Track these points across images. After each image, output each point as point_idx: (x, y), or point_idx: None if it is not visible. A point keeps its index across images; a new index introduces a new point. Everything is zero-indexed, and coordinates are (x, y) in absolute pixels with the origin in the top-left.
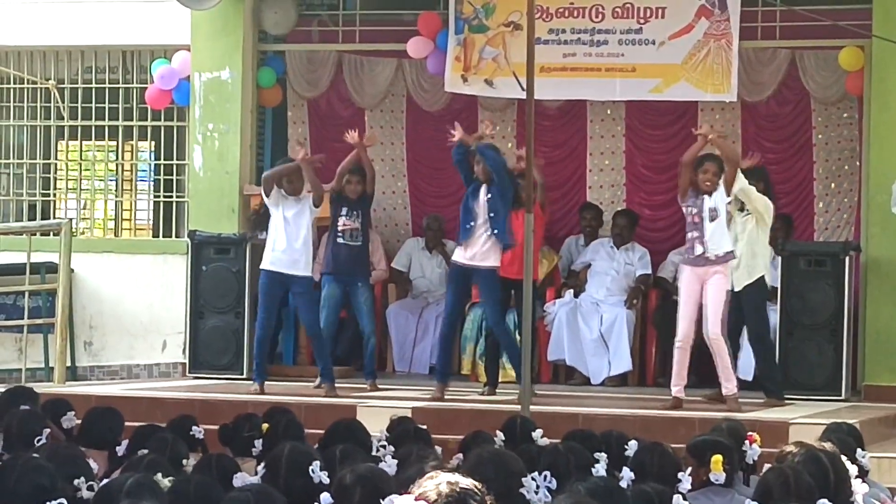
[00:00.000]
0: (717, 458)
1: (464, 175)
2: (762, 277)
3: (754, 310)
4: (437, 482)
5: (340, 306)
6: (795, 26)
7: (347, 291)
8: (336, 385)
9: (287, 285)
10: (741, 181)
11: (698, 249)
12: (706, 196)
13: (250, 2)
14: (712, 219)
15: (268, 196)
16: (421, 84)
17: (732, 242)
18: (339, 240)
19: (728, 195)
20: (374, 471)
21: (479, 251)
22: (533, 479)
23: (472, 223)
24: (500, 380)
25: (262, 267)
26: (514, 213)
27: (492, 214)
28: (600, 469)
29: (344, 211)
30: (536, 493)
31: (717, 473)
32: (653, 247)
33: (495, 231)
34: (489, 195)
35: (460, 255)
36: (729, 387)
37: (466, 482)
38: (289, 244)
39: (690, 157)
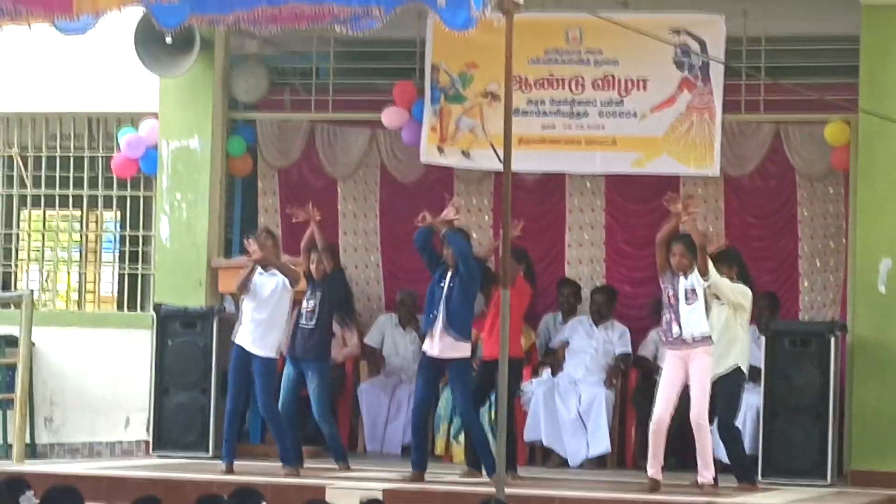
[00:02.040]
0: None
1: (427, 259)
2: (738, 367)
3: (726, 398)
4: None
5: (298, 388)
6: (780, 100)
7: (303, 374)
8: (302, 467)
9: (249, 362)
10: (712, 275)
11: (675, 330)
12: (682, 276)
13: (221, 69)
14: (688, 300)
15: (246, 294)
16: (395, 155)
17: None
18: (300, 321)
19: (704, 280)
20: None
21: (447, 343)
22: None
23: (435, 312)
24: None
25: (233, 339)
26: (512, 288)
27: (451, 305)
28: None
29: (308, 292)
30: None
31: None
32: (633, 324)
33: (450, 324)
34: (451, 284)
35: (428, 347)
36: (706, 475)
37: None
38: (254, 321)
39: (662, 237)
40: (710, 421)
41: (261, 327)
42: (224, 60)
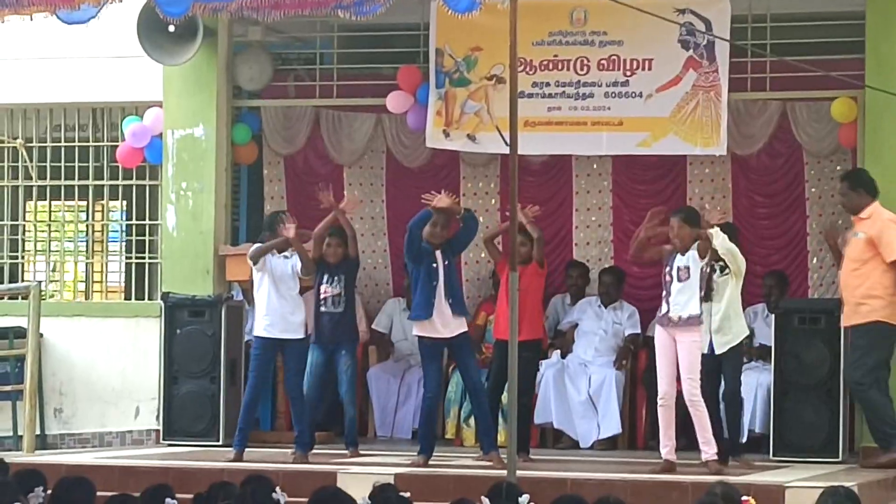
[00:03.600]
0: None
1: (416, 245)
2: (740, 343)
3: (733, 369)
4: None
5: (325, 374)
6: (786, 77)
7: (332, 358)
8: (313, 453)
9: (281, 349)
10: (723, 241)
11: (663, 308)
12: (678, 255)
13: (224, 57)
14: (680, 279)
15: (256, 264)
16: (401, 140)
17: (705, 304)
18: (322, 308)
19: (701, 259)
20: None
21: (458, 322)
22: None
23: (433, 298)
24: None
25: (255, 334)
26: (522, 268)
27: (452, 283)
28: None
29: (325, 278)
30: None
31: None
32: (641, 305)
33: (456, 302)
34: (445, 263)
35: (431, 331)
36: (708, 451)
37: None
38: (281, 309)
39: (640, 234)
40: (716, 392)
41: (286, 310)
42: (227, 48)
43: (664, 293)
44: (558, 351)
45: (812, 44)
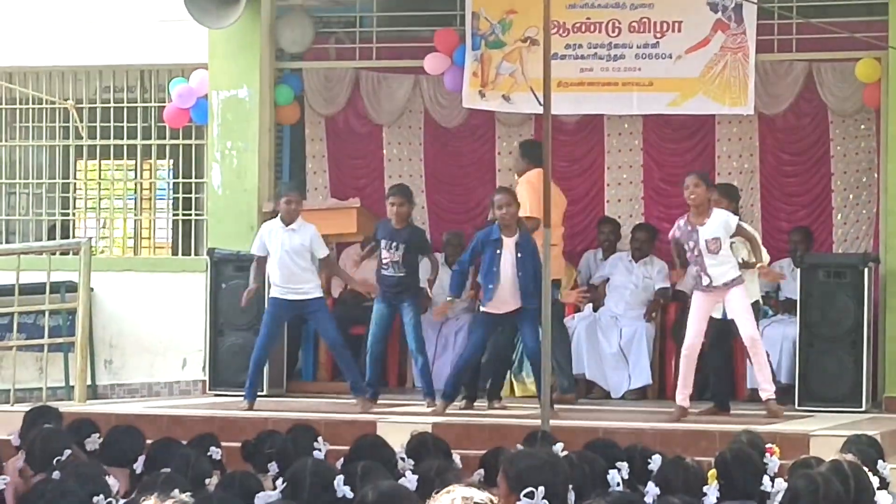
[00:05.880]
0: (712, 473)
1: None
2: (755, 301)
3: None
4: (451, 497)
5: (389, 324)
6: (812, 38)
7: (395, 311)
8: (352, 402)
9: (298, 310)
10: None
11: (705, 281)
12: (699, 227)
13: (267, 20)
14: (711, 250)
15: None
16: (438, 100)
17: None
18: (384, 271)
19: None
20: (396, 488)
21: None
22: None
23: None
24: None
25: (271, 295)
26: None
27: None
28: (616, 476)
29: (384, 243)
30: None
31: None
32: (671, 260)
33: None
34: (519, 255)
35: (495, 308)
36: (767, 389)
37: (482, 496)
38: (291, 275)
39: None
40: (729, 355)
41: (301, 278)
42: (270, 12)
43: (697, 268)
44: (590, 304)
45: (837, 6)
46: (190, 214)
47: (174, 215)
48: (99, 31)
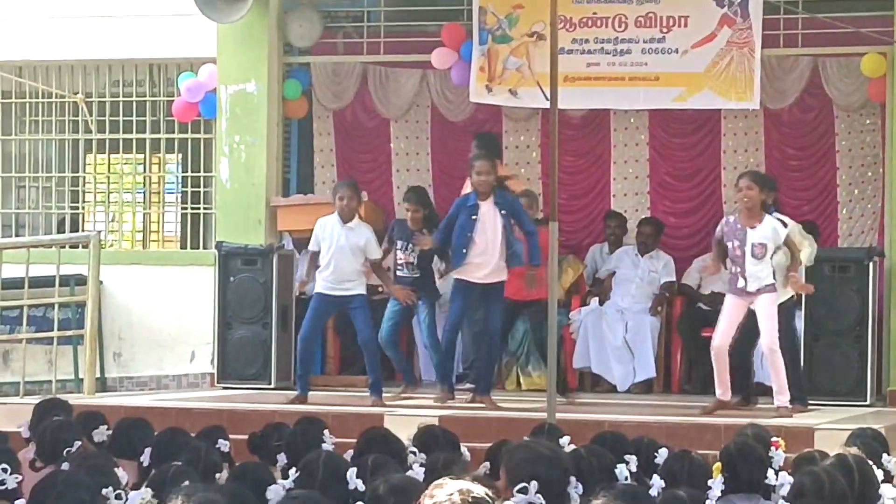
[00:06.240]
0: (717, 466)
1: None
2: (790, 297)
3: (784, 325)
4: (448, 491)
5: (401, 323)
6: (817, 33)
7: (411, 309)
8: (362, 395)
9: (342, 305)
10: (809, 256)
11: (740, 283)
12: (748, 230)
13: (275, 15)
14: (755, 255)
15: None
16: (445, 95)
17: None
18: (399, 272)
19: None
20: (407, 481)
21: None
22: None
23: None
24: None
25: (316, 290)
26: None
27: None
28: (624, 470)
29: (399, 244)
30: None
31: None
32: (677, 254)
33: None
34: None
35: (470, 276)
36: (781, 399)
37: (479, 490)
38: (341, 273)
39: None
40: (754, 345)
41: (348, 273)
42: (278, 6)
43: (736, 270)
44: (596, 298)
45: (843, 1)
46: (198, 208)
47: (182, 209)
48: (108, 26)
